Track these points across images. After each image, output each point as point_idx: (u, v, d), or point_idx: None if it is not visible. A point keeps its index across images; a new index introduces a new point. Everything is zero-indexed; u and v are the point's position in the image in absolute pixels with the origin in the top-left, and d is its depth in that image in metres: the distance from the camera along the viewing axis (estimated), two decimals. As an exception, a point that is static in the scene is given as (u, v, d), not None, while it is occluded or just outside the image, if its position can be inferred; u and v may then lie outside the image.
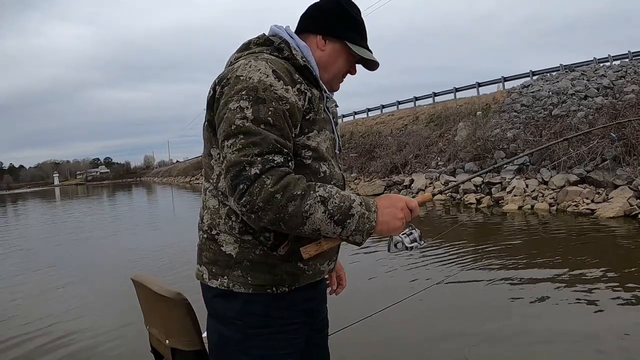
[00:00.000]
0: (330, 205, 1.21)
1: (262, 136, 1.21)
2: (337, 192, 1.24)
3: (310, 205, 1.19)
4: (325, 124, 1.41)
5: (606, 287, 4.80)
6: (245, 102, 1.23)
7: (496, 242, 7.58)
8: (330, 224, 1.21)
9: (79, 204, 29.39)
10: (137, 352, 3.83)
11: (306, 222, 1.20)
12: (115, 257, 8.64)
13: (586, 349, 3.47)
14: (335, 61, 1.47)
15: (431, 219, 11.45)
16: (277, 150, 1.22)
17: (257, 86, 1.25)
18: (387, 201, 1.32)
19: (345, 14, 1.46)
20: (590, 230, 7.99)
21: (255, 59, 1.31)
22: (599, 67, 17.85)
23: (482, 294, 5.01)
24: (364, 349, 3.70)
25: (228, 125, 1.23)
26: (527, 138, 13.42)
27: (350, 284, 1.83)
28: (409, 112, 23.79)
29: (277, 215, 1.18)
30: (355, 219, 1.23)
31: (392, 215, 1.29)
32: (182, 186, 44.71)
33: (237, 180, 1.19)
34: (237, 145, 1.21)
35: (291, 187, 1.19)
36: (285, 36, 1.43)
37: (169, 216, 17.63)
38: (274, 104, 1.24)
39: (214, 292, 1.39)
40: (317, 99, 1.39)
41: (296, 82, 1.33)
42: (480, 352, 3.55)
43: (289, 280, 1.37)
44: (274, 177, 1.18)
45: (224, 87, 1.29)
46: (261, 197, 1.17)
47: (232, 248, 1.35)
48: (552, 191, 10.82)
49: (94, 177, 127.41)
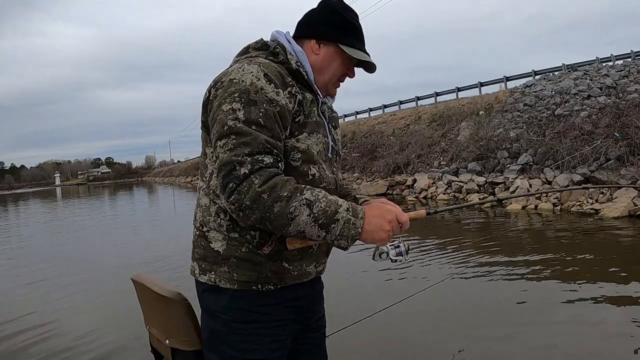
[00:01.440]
0: (316, 209, 1.24)
1: (253, 136, 1.25)
2: (325, 197, 1.26)
3: (296, 208, 1.22)
4: (317, 127, 1.45)
5: (611, 286, 4.76)
6: (237, 103, 1.28)
7: (500, 241, 7.55)
8: (315, 227, 1.24)
9: (80, 204, 29.42)
10: (137, 352, 3.83)
11: (291, 223, 1.23)
12: (116, 257, 8.61)
13: (591, 346, 3.46)
14: (329, 64, 1.50)
15: (433, 219, 11.42)
16: (267, 151, 1.26)
17: (249, 89, 1.29)
18: (376, 211, 1.33)
19: (338, 17, 1.49)
20: (595, 230, 7.95)
21: (249, 63, 1.36)
22: (601, 66, 17.80)
23: (486, 292, 4.99)
24: (368, 346, 3.69)
25: (221, 126, 1.28)
26: (531, 138, 13.38)
27: (354, 281, 1.81)
28: (411, 112, 23.74)
29: (263, 215, 1.22)
30: (340, 224, 1.25)
31: (378, 225, 1.30)
32: (183, 186, 44.75)
33: (228, 179, 1.23)
34: (229, 145, 1.25)
35: (278, 188, 1.22)
36: (283, 41, 1.48)
37: (170, 215, 17.62)
38: (264, 105, 1.29)
39: (203, 287, 1.44)
40: (308, 102, 1.43)
41: (287, 85, 1.37)
42: (483, 351, 3.54)
43: (274, 279, 1.40)
44: (262, 177, 1.22)
45: (218, 89, 1.34)
46: (248, 196, 1.21)
47: (220, 245, 1.39)
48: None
49: (95, 177, 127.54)
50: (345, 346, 3.37)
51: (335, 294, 2.18)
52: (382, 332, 3.89)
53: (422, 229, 9.73)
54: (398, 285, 5.39)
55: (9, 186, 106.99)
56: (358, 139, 22.83)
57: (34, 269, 7.90)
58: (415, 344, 3.80)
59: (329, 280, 1.63)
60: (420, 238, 8.18)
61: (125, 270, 5.62)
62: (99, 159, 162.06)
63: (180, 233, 10.57)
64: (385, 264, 6.19)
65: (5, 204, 36.02)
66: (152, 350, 1.77)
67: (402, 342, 3.84)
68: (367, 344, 3.71)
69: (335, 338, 2.10)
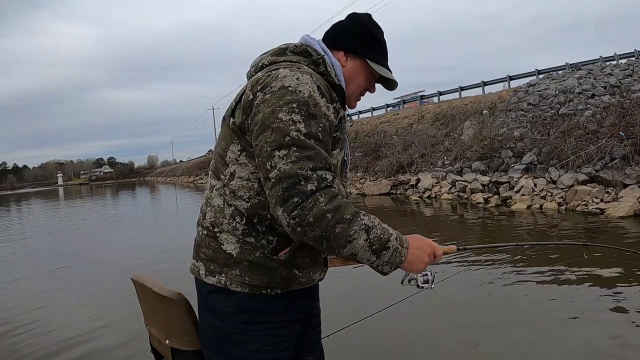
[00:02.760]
0: (372, 235, 1.26)
1: (317, 151, 1.25)
2: (379, 223, 1.29)
3: (356, 232, 1.24)
4: (344, 143, 1.46)
5: (619, 286, 4.75)
6: (297, 115, 1.25)
7: (505, 241, 7.54)
8: (368, 251, 1.27)
9: (82, 203, 29.48)
10: (136, 352, 3.83)
11: (347, 245, 1.24)
12: (116, 257, 8.61)
13: (596, 343, 3.47)
14: (355, 78, 1.52)
15: (438, 218, 11.43)
16: (327, 167, 1.26)
17: (307, 101, 1.27)
18: (419, 242, 1.39)
19: (367, 33, 1.51)
20: (601, 229, 7.94)
21: (301, 72, 1.33)
22: (605, 65, 17.79)
23: (489, 291, 5.01)
24: (367, 347, 3.72)
25: (281, 135, 1.24)
26: (535, 137, 13.36)
27: (354, 281, 1.84)
28: (414, 111, 23.74)
29: (323, 234, 1.22)
30: (390, 251, 1.30)
31: (419, 257, 1.38)
32: (185, 185, 44.82)
33: (291, 192, 1.21)
34: (292, 157, 1.23)
35: (342, 209, 1.22)
36: (320, 51, 1.47)
37: (172, 214, 17.64)
38: (323, 120, 1.29)
39: (210, 288, 1.42)
40: (344, 119, 1.44)
41: (333, 101, 1.36)
42: (484, 350, 3.56)
43: (282, 284, 1.41)
44: (327, 195, 1.22)
45: (267, 94, 1.29)
46: (312, 213, 1.20)
47: (233, 248, 1.38)
48: (561, 190, 10.76)
49: (97, 176, 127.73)
50: (346, 346, 3.39)
51: (335, 293, 2.20)
52: (383, 332, 3.89)
53: (426, 228, 9.73)
54: (399, 285, 5.39)
55: (11, 186, 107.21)
56: (361, 138, 22.81)
57: (34, 267, 7.93)
58: (416, 344, 3.82)
59: (330, 280, 1.64)
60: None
61: (126, 270, 5.62)
62: (101, 159, 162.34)
63: (182, 231, 10.58)
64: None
65: (8, 204, 36.11)
66: (152, 350, 1.78)
67: (403, 341, 3.86)
68: (367, 344, 3.73)
69: (335, 338, 2.10)
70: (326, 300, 1.70)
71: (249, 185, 1.36)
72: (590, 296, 4.58)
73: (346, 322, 3.16)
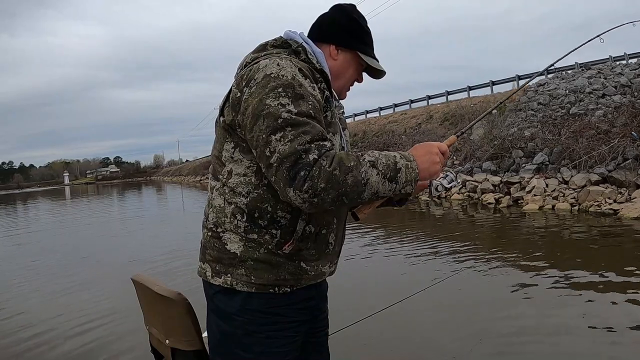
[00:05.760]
0: (380, 166, 1.26)
1: (311, 125, 1.25)
2: (379, 153, 1.30)
3: (365, 172, 1.23)
4: (336, 128, 1.46)
5: (629, 287, 4.71)
6: (284, 98, 1.26)
7: (516, 241, 7.52)
8: (385, 182, 1.26)
9: (88, 203, 29.60)
10: (136, 352, 3.84)
11: (365, 188, 1.24)
12: (117, 257, 8.63)
13: (600, 343, 3.50)
14: (346, 70, 1.53)
15: (448, 218, 11.40)
16: (324, 138, 1.27)
17: (292, 83, 1.28)
18: (422, 149, 1.39)
19: (355, 24, 1.52)
20: (614, 230, 7.89)
21: (280, 59, 1.34)
22: (615, 65, 17.67)
23: (492, 289, 5.03)
24: (372, 345, 3.73)
25: (273, 119, 1.24)
26: (546, 137, 13.29)
27: (357, 280, 1.83)
28: (422, 111, 23.68)
29: (339, 191, 1.21)
30: (403, 171, 1.29)
31: (430, 161, 1.37)
32: (192, 185, 44.89)
33: (296, 168, 1.21)
34: (289, 137, 1.23)
35: (344, 161, 1.22)
36: (300, 40, 1.47)
37: (179, 214, 17.67)
38: (310, 98, 1.30)
39: (216, 289, 1.42)
40: (331, 99, 1.44)
41: (317, 81, 1.37)
42: (487, 349, 3.57)
43: (291, 280, 1.40)
44: (329, 158, 1.22)
45: (252, 87, 1.30)
46: (322, 178, 1.20)
47: (237, 246, 1.38)
48: (573, 191, 10.70)
49: (104, 176, 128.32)
50: (352, 344, 3.42)
51: (338, 292, 2.22)
52: (388, 329, 3.91)
53: (433, 226, 9.71)
54: (401, 284, 5.43)
55: (18, 185, 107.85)
56: (369, 138, 22.81)
57: (33, 266, 7.97)
58: (420, 342, 3.84)
59: (335, 278, 1.63)
60: (429, 236, 8.17)
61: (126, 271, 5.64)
62: (107, 159, 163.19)
63: (185, 231, 10.60)
64: (391, 261, 6.19)
65: (15, 203, 36.29)
66: (152, 350, 1.79)
67: (409, 340, 3.86)
68: (372, 342, 3.74)
69: (341, 335, 2.10)
70: (331, 298, 1.69)
71: (246, 180, 1.37)
72: (602, 300, 4.54)
73: (351, 319, 3.19)
